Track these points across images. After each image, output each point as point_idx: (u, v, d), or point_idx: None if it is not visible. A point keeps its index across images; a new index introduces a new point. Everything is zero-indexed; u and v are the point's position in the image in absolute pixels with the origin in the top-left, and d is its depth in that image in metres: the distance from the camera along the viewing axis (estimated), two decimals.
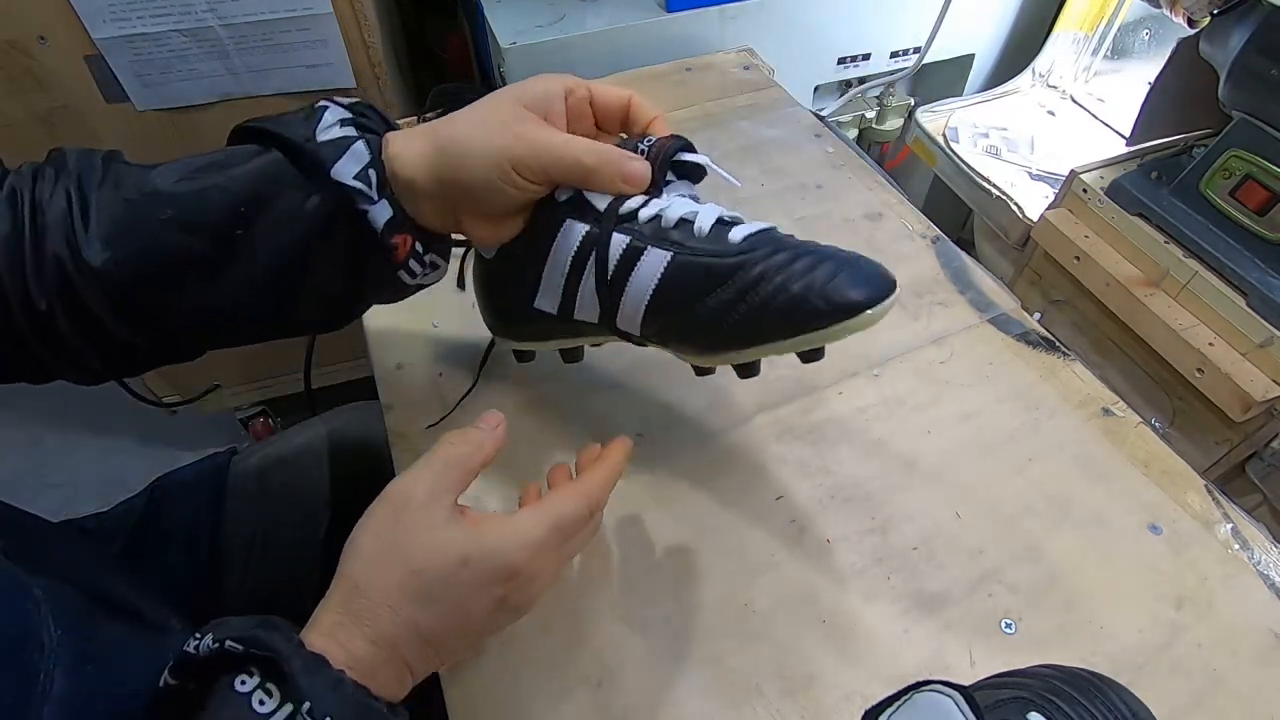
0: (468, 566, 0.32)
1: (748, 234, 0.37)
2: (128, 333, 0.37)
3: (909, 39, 1.06)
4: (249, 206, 0.36)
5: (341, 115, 0.38)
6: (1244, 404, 0.71)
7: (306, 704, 0.27)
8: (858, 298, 0.35)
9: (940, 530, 0.46)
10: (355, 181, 0.37)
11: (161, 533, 0.53)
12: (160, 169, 0.37)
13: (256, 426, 1.27)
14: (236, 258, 0.37)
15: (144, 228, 0.36)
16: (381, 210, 0.37)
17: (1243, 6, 0.71)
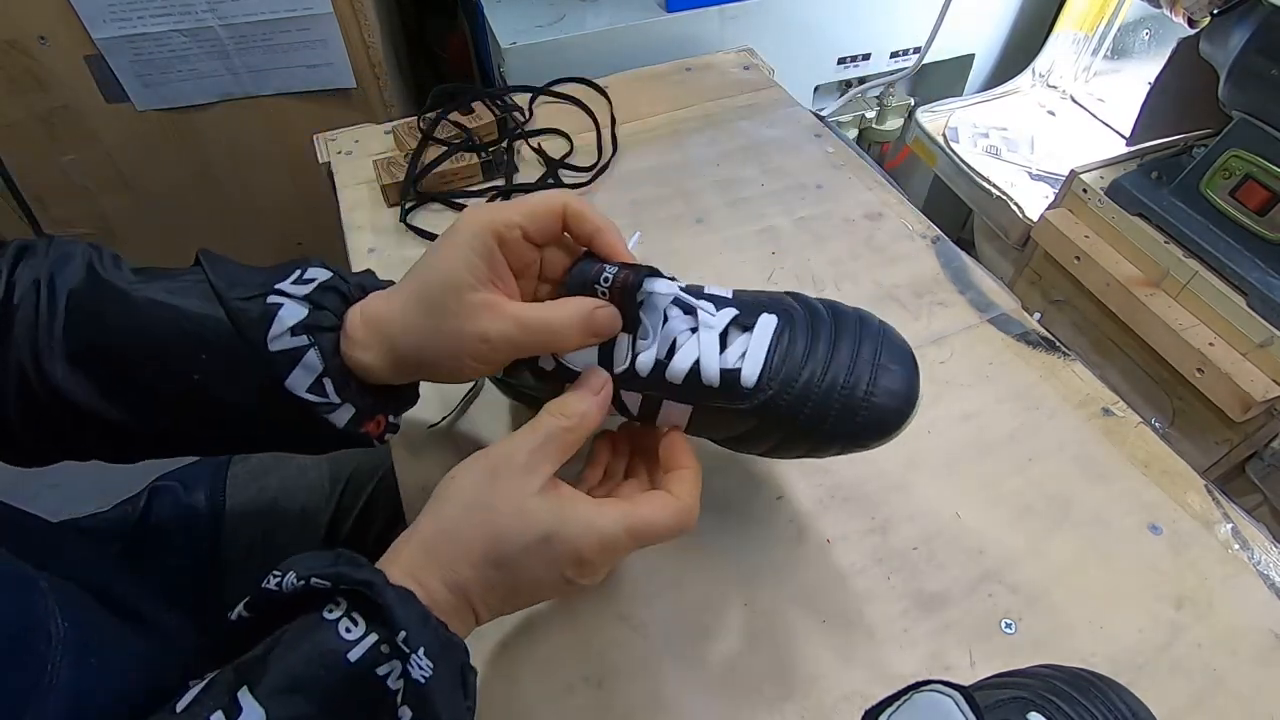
0: (548, 544, 0.32)
1: (758, 372, 0.35)
2: (84, 442, 0.38)
3: (909, 39, 1.07)
4: (208, 355, 0.35)
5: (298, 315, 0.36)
6: (1244, 404, 0.71)
7: (402, 633, 0.28)
8: (893, 422, 0.36)
9: (940, 530, 0.46)
10: (309, 395, 0.36)
11: (161, 533, 0.53)
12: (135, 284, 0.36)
13: None
14: (192, 398, 0.36)
15: (107, 355, 0.35)
16: (344, 413, 0.37)
17: (1243, 6, 0.71)
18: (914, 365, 0.37)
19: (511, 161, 0.70)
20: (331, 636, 0.28)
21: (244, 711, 0.26)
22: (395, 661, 0.28)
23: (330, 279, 0.38)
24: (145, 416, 0.37)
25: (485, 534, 0.32)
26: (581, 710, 0.39)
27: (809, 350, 0.36)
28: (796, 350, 0.35)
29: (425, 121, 0.69)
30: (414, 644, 0.28)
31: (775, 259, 0.63)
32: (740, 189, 0.69)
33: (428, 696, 0.28)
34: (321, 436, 0.38)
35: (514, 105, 0.75)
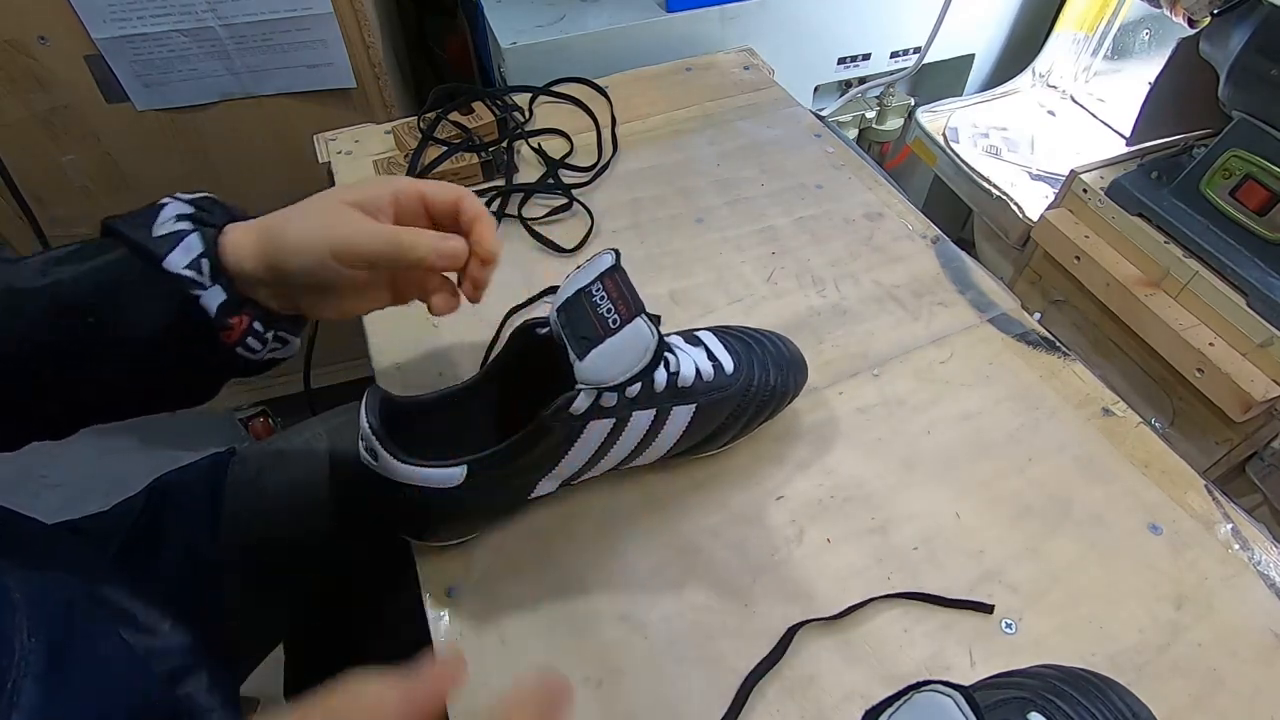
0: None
1: (734, 363, 0.46)
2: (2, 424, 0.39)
3: (909, 39, 1.07)
4: (97, 300, 0.38)
5: (180, 210, 0.40)
6: (1244, 404, 0.71)
7: None
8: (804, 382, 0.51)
9: (940, 530, 0.46)
10: (187, 271, 0.39)
11: (159, 533, 0.53)
12: (22, 265, 0.39)
13: (256, 426, 1.27)
14: (93, 348, 0.39)
15: (5, 325, 0.37)
16: (214, 295, 0.39)
17: (1243, 6, 0.71)
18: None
19: (511, 161, 0.70)
20: None
21: None
22: None
23: (217, 198, 0.42)
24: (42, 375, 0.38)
25: None
26: (582, 710, 0.39)
27: (747, 348, 0.48)
28: (738, 347, 0.47)
29: (425, 121, 0.69)
30: None
31: (775, 259, 0.63)
32: (740, 189, 0.69)
33: None
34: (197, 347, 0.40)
35: (514, 105, 0.75)
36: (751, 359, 0.47)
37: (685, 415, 0.43)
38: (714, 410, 0.45)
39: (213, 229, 0.40)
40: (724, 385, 0.45)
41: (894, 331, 0.57)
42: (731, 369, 0.45)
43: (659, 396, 0.42)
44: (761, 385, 0.46)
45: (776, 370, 0.48)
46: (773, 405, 0.48)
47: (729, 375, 0.45)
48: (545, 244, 0.63)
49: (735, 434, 0.48)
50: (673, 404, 0.43)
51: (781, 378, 0.48)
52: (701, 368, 0.44)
